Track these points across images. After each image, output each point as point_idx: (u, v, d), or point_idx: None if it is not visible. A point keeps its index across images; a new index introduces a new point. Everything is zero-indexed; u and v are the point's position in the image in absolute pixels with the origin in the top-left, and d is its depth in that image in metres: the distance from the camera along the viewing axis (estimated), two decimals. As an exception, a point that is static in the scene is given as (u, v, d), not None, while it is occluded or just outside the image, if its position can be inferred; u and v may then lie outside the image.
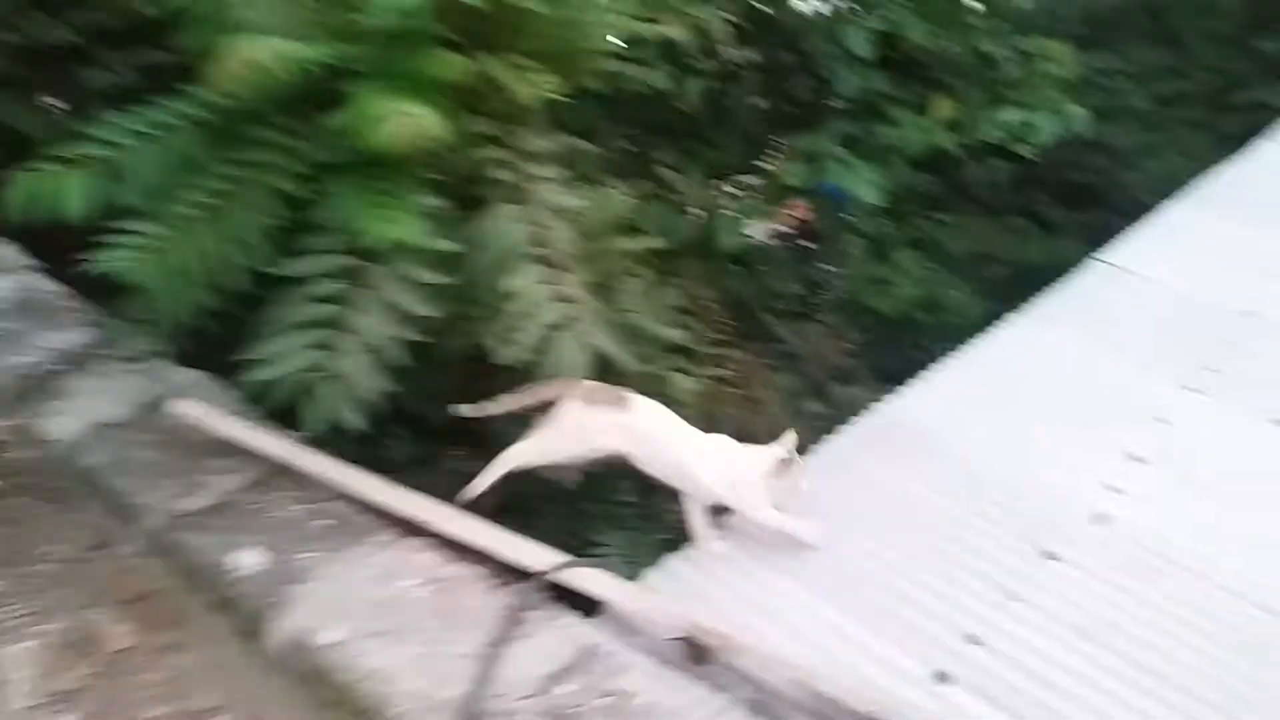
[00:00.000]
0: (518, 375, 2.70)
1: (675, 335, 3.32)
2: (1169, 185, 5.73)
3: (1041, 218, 7.64)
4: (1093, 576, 2.76)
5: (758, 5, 5.62)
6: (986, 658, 2.47)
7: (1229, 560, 2.83)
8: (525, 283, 2.68)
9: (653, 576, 2.63)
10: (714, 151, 5.95)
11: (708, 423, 2.94)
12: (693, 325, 3.83)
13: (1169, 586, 2.74)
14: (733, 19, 4.85)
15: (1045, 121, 5.37)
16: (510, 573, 2.34)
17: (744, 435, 2.88)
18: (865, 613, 2.53)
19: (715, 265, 5.21)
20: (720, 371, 3.89)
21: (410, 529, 2.47)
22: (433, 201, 2.66)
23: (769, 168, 6.21)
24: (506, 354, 2.68)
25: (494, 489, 2.69)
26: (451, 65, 2.60)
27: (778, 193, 6.07)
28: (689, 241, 5.16)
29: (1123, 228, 4.95)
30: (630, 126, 5.35)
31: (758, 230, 6.27)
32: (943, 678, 2.38)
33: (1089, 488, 3.06)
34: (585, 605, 2.37)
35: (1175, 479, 3.16)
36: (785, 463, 2.67)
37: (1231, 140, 6.73)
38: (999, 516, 2.92)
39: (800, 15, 5.79)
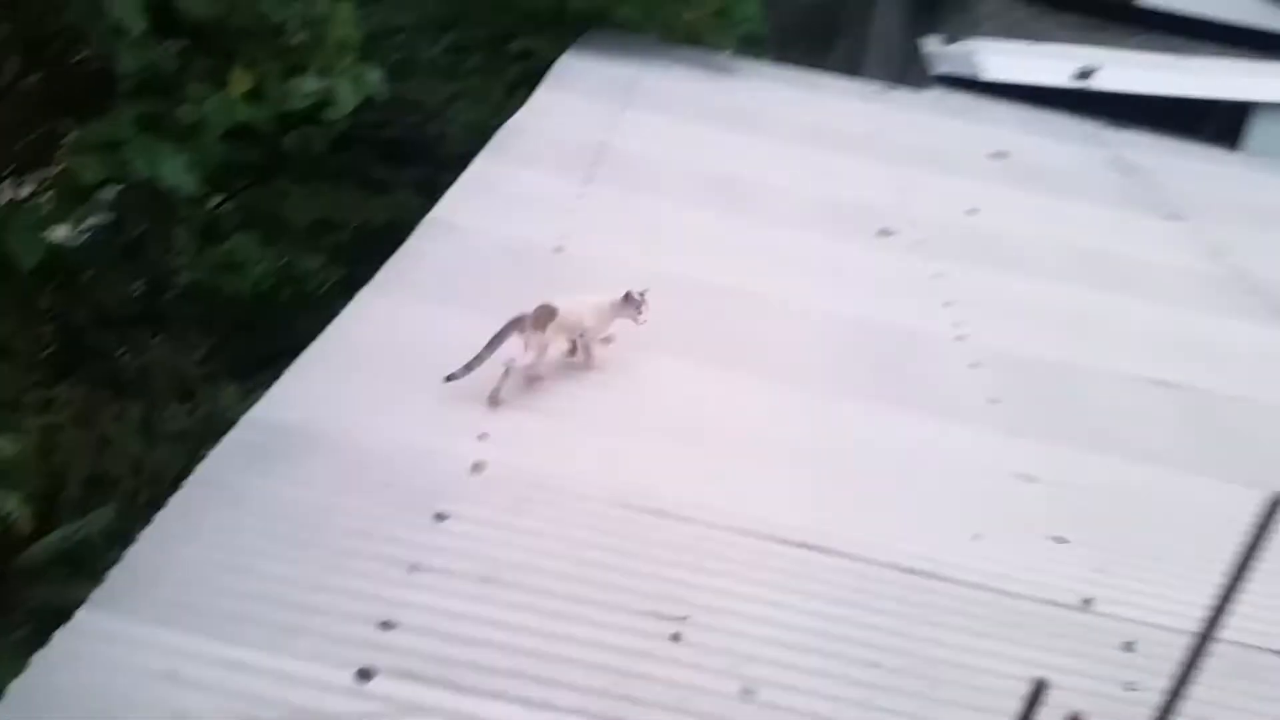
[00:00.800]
0: None
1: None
2: (476, 134, 6.22)
3: (372, 178, 7.87)
4: (482, 524, 2.96)
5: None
6: (403, 638, 2.53)
7: (606, 477, 3.23)
8: None
9: (21, 685, 2.22)
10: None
11: (52, 479, 2.55)
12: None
13: (549, 513, 3.06)
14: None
15: (344, 87, 5.45)
16: None
17: (101, 481, 2.55)
18: (270, 641, 2.43)
19: (15, 285, 4.46)
20: (53, 417, 3.36)
21: None
22: None
23: (65, 161, 5.45)
24: None
25: None
26: None
27: (80, 187, 5.36)
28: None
29: (446, 179, 5.28)
30: None
31: (66, 233, 5.51)
32: (365, 675, 2.40)
33: (462, 441, 3.27)
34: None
35: (534, 415, 3.51)
36: (632, 299, 3.83)
37: (517, 87, 7.52)
38: (388, 494, 2.99)
39: (55, -14, 5.09)
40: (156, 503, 2.75)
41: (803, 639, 2.77)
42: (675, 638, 2.71)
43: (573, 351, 3.85)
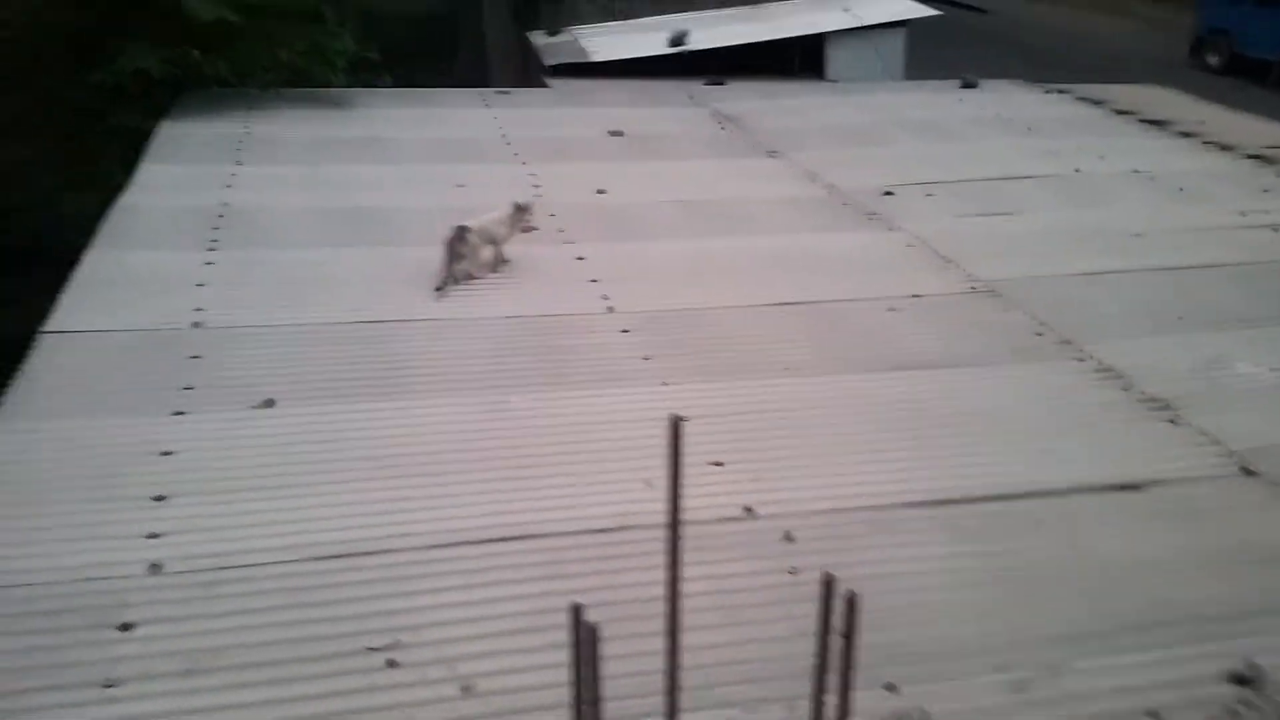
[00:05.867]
0: None
1: None
2: (92, 222, 5.81)
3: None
4: (172, 622, 2.92)
5: None
6: None
7: (293, 537, 3.27)
8: None
9: None
10: None
11: None
12: None
13: (241, 590, 3.06)
14: None
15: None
16: None
17: None
18: None
19: None
20: None
21: None
22: None
23: None
24: None
25: None
26: None
27: None
28: None
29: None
30: None
31: None
32: None
33: (132, 547, 3.19)
34: None
35: (203, 499, 3.46)
36: (521, 208, 5.46)
37: (123, 165, 7.09)
38: (66, 619, 2.88)
39: None
40: None
41: (509, 624, 2.98)
42: (391, 664, 2.83)
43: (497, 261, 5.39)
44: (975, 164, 7.81)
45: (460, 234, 5.19)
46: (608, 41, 12.08)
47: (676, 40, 11.67)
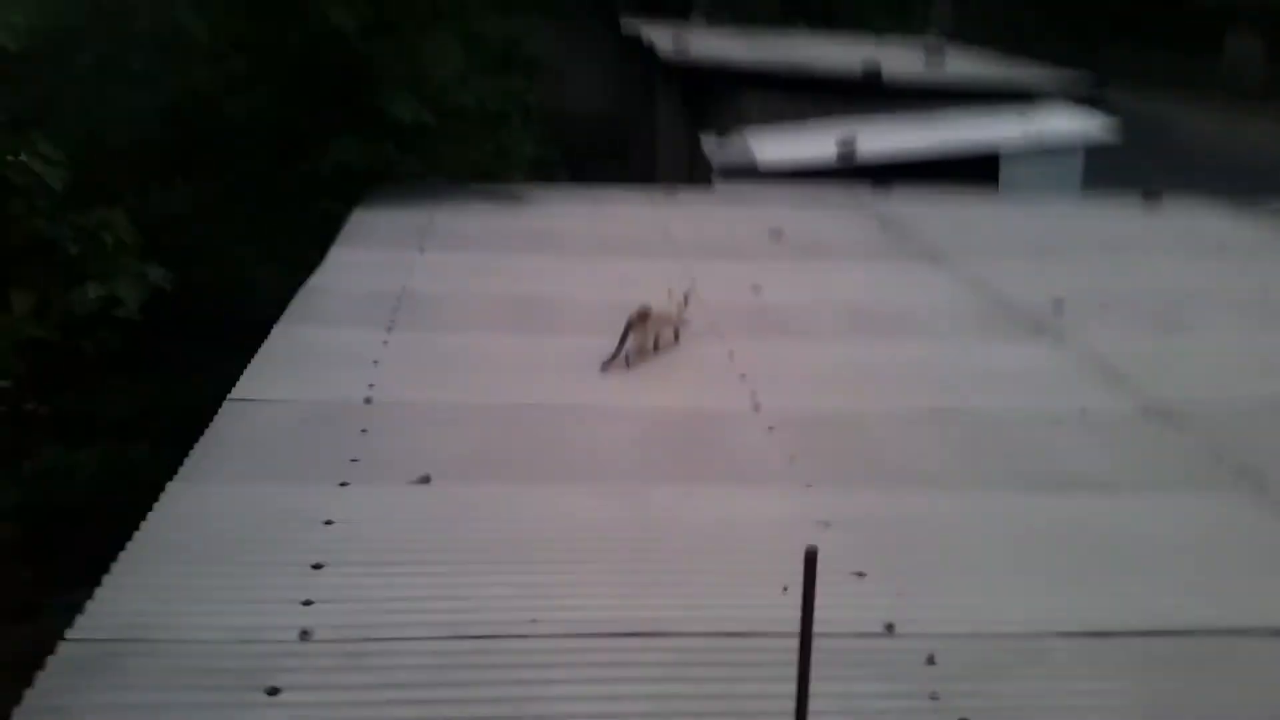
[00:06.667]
0: None
1: None
2: (286, 300, 6.28)
3: (192, 360, 7.78)
4: (316, 689, 3.04)
5: None
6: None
7: (436, 614, 3.39)
8: None
9: None
10: None
11: None
12: None
13: (383, 663, 3.16)
14: None
15: (128, 287, 5.55)
16: None
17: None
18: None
19: None
20: None
21: None
22: None
23: None
24: None
25: None
26: None
27: None
28: None
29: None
30: None
31: None
32: None
33: (286, 612, 3.35)
34: None
35: (357, 568, 3.63)
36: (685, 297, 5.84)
37: (320, 248, 7.67)
38: (218, 679, 3.04)
39: None
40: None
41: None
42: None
43: (657, 343, 5.65)
44: (1155, 280, 7.48)
45: (644, 314, 5.48)
46: (776, 146, 12.30)
47: (845, 154, 11.76)
